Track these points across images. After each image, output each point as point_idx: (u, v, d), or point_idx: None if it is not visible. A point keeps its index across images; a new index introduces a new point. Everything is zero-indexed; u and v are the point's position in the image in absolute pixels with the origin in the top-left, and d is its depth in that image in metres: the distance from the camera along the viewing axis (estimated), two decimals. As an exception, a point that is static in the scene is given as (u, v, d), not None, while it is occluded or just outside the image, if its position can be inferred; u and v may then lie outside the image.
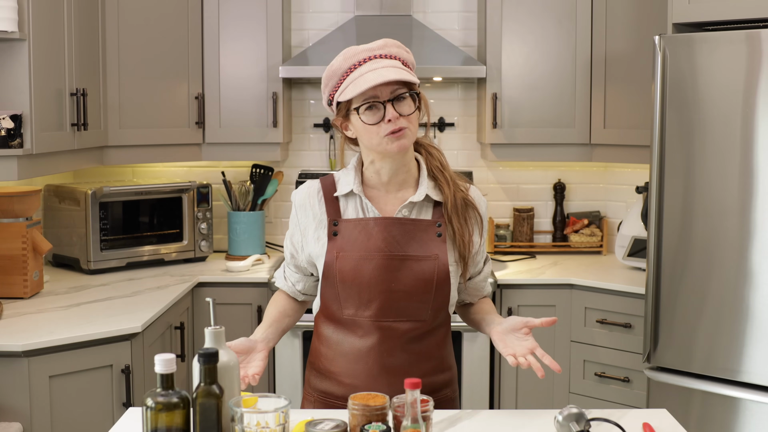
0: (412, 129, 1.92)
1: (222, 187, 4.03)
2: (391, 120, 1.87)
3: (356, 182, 1.98)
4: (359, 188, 1.97)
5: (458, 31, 4.14)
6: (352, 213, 1.98)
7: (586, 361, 3.52)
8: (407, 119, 1.90)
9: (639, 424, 1.89)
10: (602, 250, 4.08)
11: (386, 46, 1.94)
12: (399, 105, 1.89)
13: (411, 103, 1.91)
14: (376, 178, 1.99)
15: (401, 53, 1.96)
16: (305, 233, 2.03)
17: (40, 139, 2.88)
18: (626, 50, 3.66)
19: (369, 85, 1.85)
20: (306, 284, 2.13)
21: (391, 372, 1.96)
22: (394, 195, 1.99)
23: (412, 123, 1.91)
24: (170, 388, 1.60)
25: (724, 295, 2.86)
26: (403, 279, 1.93)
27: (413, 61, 2.00)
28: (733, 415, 2.86)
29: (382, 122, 1.88)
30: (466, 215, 2.00)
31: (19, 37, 2.77)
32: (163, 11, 3.66)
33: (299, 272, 2.11)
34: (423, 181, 1.99)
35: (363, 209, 1.98)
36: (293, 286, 2.13)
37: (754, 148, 2.77)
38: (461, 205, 1.99)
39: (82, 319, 2.82)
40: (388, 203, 1.99)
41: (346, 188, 1.98)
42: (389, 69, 1.88)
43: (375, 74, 1.86)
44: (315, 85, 4.17)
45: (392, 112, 1.88)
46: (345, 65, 1.92)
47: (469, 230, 1.99)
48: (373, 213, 1.96)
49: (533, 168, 4.21)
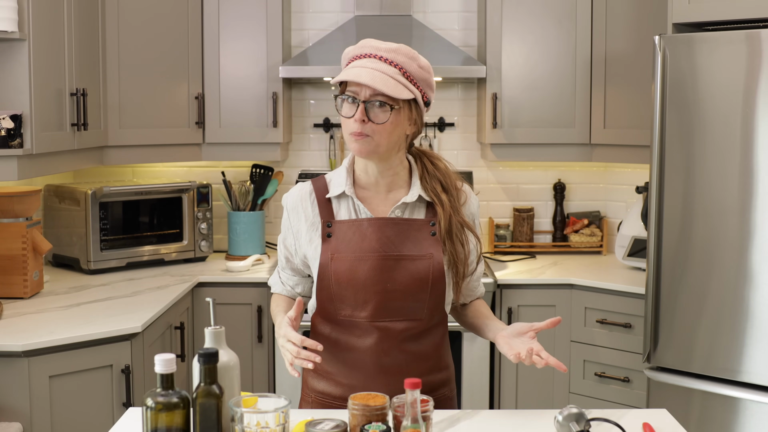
0: (376, 139, 1.88)
1: (222, 187, 4.03)
2: (356, 121, 1.88)
3: (348, 183, 1.98)
4: (351, 189, 1.97)
5: (458, 31, 4.14)
6: (345, 214, 1.98)
7: (586, 361, 3.52)
8: (375, 127, 1.87)
9: (639, 424, 1.89)
10: (602, 250, 4.08)
11: (397, 51, 1.91)
12: (373, 110, 1.88)
13: (385, 115, 1.88)
14: (365, 178, 1.99)
15: (409, 65, 1.91)
16: (298, 236, 2.03)
17: (40, 139, 2.88)
18: (626, 50, 3.66)
19: (341, 78, 1.90)
20: (305, 286, 2.13)
21: (388, 372, 1.96)
22: (385, 196, 1.99)
23: (380, 133, 1.88)
24: (170, 388, 1.60)
25: (724, 295, 2.86)
26: (399, 279, 1.93)
27: (425, 78, 1.94)
28: (733, 415, 2.86)
29: (352, 119, 1.89)
30: (462, 238, 1.98)
31: (19, 37, 2.77)
32: (163, 11, 3.66)
33: (297, 275, 2.12)
34: (415, 182, 1.98)
35: (356, 210, 1.98)
36: (292, 289, 2.13)
37: (754, 148, 2.77)
38: (457, 228, 1.98)
39: (82, 319, 2.82)
40: (380, 204, 1.99)
41: (338, 189, 1.98)
42: (372, 72, 1.86)
43: (355, 71, 1.88)
44: (315, 85, 4.17)
45: (359, 115, 1.87)
46: (353, 52, 1.96)
47: (464, 251, 1.99)
48: (366, 214, 1.97)
49: (533, 168, 4.21)
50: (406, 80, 1.90)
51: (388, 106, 1.88)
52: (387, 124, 1.88)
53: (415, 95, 1.90)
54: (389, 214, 1.97)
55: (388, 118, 1.88)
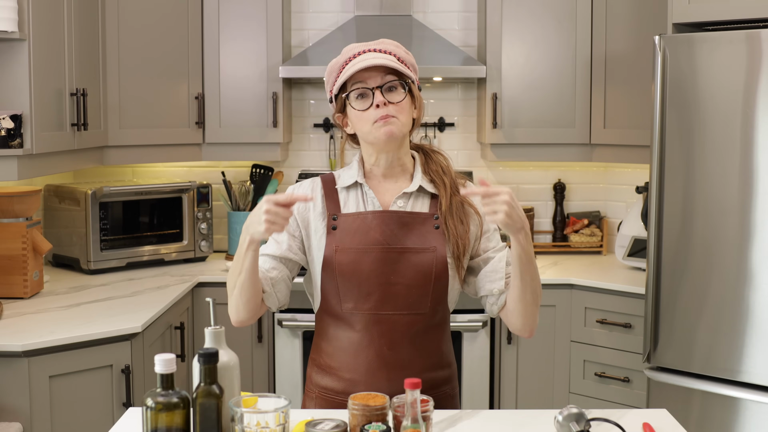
0: (400, 118, 1.95)
1: (222, 187, 4.03)
2: (379, 106, 1.93)
3: (359, 174, 2.03)
4: (362, 179, 2.03)
5: (458, 31, 4.14)
6: (353, 205, 2.01)
7: (586, 361, 3.52)
8: (396, 107, 1.94)
9: (639, 424, 1.89)
10: (602, 250, 4.08)
11: (382, 43, 2.02)
12: (388, 93, 1.95)
13: (402, 93, 1.96)
14: (376, 170, 2.04)
15: (398, 51, 2.01)
16: (305, 224, 2.01)
17: (40, 139, 2.88)
18: (626, 50, 3.66)
19: (356, 69, 1.92)
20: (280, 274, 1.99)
21: (390, 366, 1.96)
22: (391, 186, 2.03)
23: (401, 112, 1.95)
24: (170, 388, 1.60)
25: (724, 295, 2.86)
26: (402, 271, 1.95)
27: (413, 62, 2.04)
28: (733, 415, 2.86)
29: (371, 108, 1.94)
30: (461, 215, 2.00)
31: (19, 37, 2.77)
32: (163, 11, 3.66)
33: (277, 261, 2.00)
34: (417, 174, 2.03)
35: (363, 199, 2.02)
36: (266, 272, 1.98)
37: (754, 148, 2.77)
38: (457, 206, 2.00)
39: (82, 319, 2.82)
40: (386, 193, 2.03)
41: (349, 180, 2.03)
42: (378, 57, 1.94)
43: (365, 61, 1.94)
44: (315, 85, 4.17)
45: (380, 98, 1.93)
46: (341, 60, 2.00)
47: (463, 227, 1.99)
48: (372, 201, 2.00)
49: (533, 168, 4.21)
50: (402, 64, 1.99)
51: (400, 84, 1.95)
52: (405, 102, 1.96)
53: (412, 75, 2.00)
54: (392, 204, 2.00)
55: (405, 96, 1.96)
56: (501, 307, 1.99)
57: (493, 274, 1.99)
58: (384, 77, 1.94)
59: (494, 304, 2.00)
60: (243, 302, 1.93)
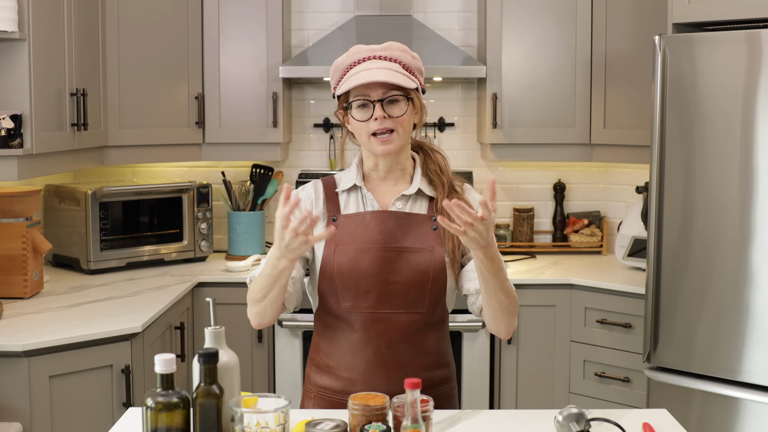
0: (400, 132, 1.96)
1: (222, 187, 4.03)
2: (377, 119, 1.93)
3: (358, 177, 2.05)
4: (361, 182, 2.04)
5: (458, 31, 4.14)
6: (353, 207, 2.04)
7: (586, 361, 3.52)
8: (395, 121, 1.95)
9: (639, 424, 1.89)
10: (602, 250, 4.08)
11: (389, 48, 2.01)
12: (389, 106, 1.95)
13: (403, 106, 1.96)
14: (375, 174, 2.06)
15: (404, 57, 2.01)
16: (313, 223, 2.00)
17: (40, 139, 2.88)
18: (626, 50, 3.66)
19: (356, 84, 1.92)
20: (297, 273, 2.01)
21: (388, 365, 1.97)
22: (390, 188, 2.05)
23: (401, 125, 1.96)
24: (170, 388, 1.60)
25: (724, 295, 2.86)
26: (400, 270, 1.96)
27: (419, 67, 2.04)
28: (733, 415, 2.86)
29: (371, 120, 1.94)
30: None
31: (19, 37, 2.77)
32: (163, 11, 3.66)
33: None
34: (417, 176, 2.05)
35: (363, 201, 2.03)
36: None
37: (754, 148, 2.77)
38: None
39: (82, 319, 2.82)
40: (385, 195, 2.04)
41: (349, 183, 2.05)
42: (382, 71, 1.93)
43: (366, 74, 1.93)
44: (315, 85, 4.17)
45: (379, 112, 1.94)
46: (347, 61, 2.00)
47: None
48: (372, 203, 2.02)
49: (533, 168, 4.21)
50: (407, 72, 1.99)
51: (403, 98, 1.96)
52: (405, 116, 1.96)
53: (416, 84, 2.00)
54: (390, 206, 2.02)
55: (405, 110, 1.96)
56: (480, 307, 1.99)
57: (470, 273, 2.01)
58: (386, 91, 1.95)
59: (474, 304, 2.02)
60: (273, 309, 1.95)
